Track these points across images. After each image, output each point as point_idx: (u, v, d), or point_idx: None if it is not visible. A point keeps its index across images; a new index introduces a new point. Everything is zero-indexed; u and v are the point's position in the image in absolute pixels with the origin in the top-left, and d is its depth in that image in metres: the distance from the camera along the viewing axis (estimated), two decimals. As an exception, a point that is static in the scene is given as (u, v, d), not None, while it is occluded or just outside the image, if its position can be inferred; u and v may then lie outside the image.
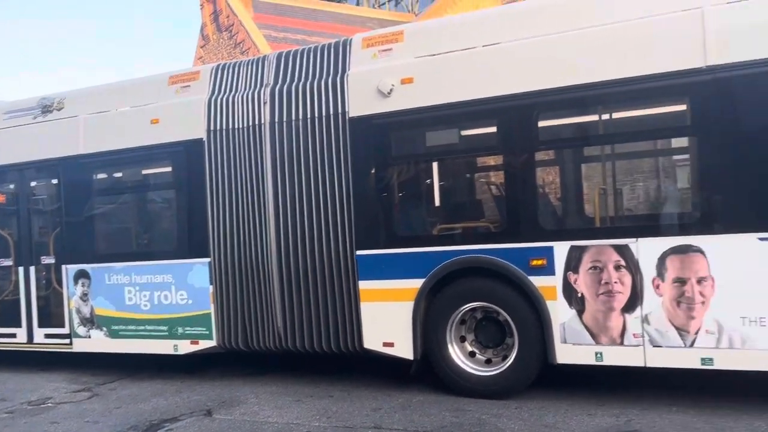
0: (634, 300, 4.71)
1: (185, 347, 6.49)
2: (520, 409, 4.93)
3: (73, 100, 7.24)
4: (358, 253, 5.63)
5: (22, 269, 7.49)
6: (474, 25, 5.51)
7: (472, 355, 5.42)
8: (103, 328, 6.92)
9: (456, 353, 5.39)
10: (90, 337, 7.00)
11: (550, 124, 5.21)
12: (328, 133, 5.77)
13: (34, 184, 7.57)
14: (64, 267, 7.16)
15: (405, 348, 5.47)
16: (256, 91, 6.15)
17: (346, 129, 5.70)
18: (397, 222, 5.78)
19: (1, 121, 7.58)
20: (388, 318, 5.51)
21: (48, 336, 7.31)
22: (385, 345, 5.56)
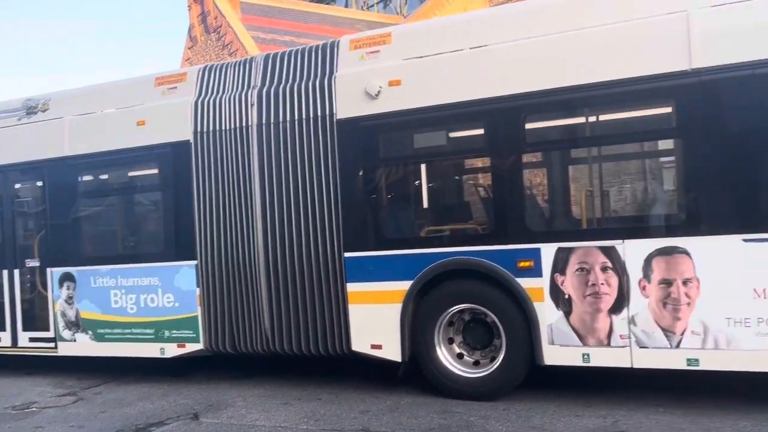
0: (621, 301, 4.73)
1: (172, 350, 6.45)
2: (508, 411, 4.94)
3: (59, 101, 7.19)
4: (347, 255, 5.62)
5: (6, 272, 7.41)
6: (461, 27, 5.53)
7: (460, 356, 5.42)
8: (89, 332, 6.86)
9: (444, 355, 5.39)
10: (75, 340, 6.94)
11: (537, 126, 5.23)
12: (316, 135, 5.76)
13: (18, 186, 7.47)
14: (49, 270, 7.09)
15: (393, 350, 5.47)
16: (244, 92, 6.12)
17: (334, 131, 5.69)
18: (385, 224, 5.79)
19: None
20: (376, 320, 5.51)
21: (33, 340, 7.24)
22: (373, 347, 5.55)
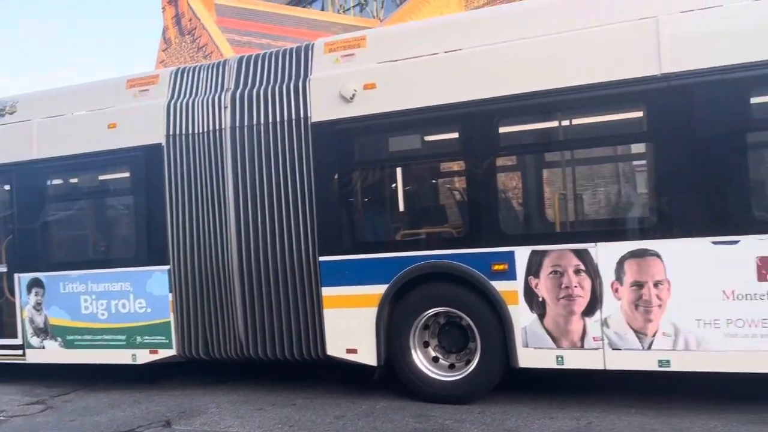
0: (594, 304, 4.77)
1: (144, 356, 6.34)
2: (483, 414, 4.95)
3: (26, 103, 7.04)
4: (321, 259, 5.59)
5: None
6: (436, 31, 5.54)
7: (436, 360, 5.42)
8: (58, 339, 6.72)
9: (419, 359, 5.39)
10: (44, 347, 6.80)
11: (510, 130, 5.25)
12: (290, 139, 5.72)
13: (-16, 190, 7.32)
14: (16, 276, 6.94)
15: (368, 354, 5.45)
16: (217, 95, 6.06)
17: (308, 134, 5.66)
18: (360, 228, 5.78)
19: None
20: (351, 324, 5.48)
21: None
22: (348, 351, 5.52)
